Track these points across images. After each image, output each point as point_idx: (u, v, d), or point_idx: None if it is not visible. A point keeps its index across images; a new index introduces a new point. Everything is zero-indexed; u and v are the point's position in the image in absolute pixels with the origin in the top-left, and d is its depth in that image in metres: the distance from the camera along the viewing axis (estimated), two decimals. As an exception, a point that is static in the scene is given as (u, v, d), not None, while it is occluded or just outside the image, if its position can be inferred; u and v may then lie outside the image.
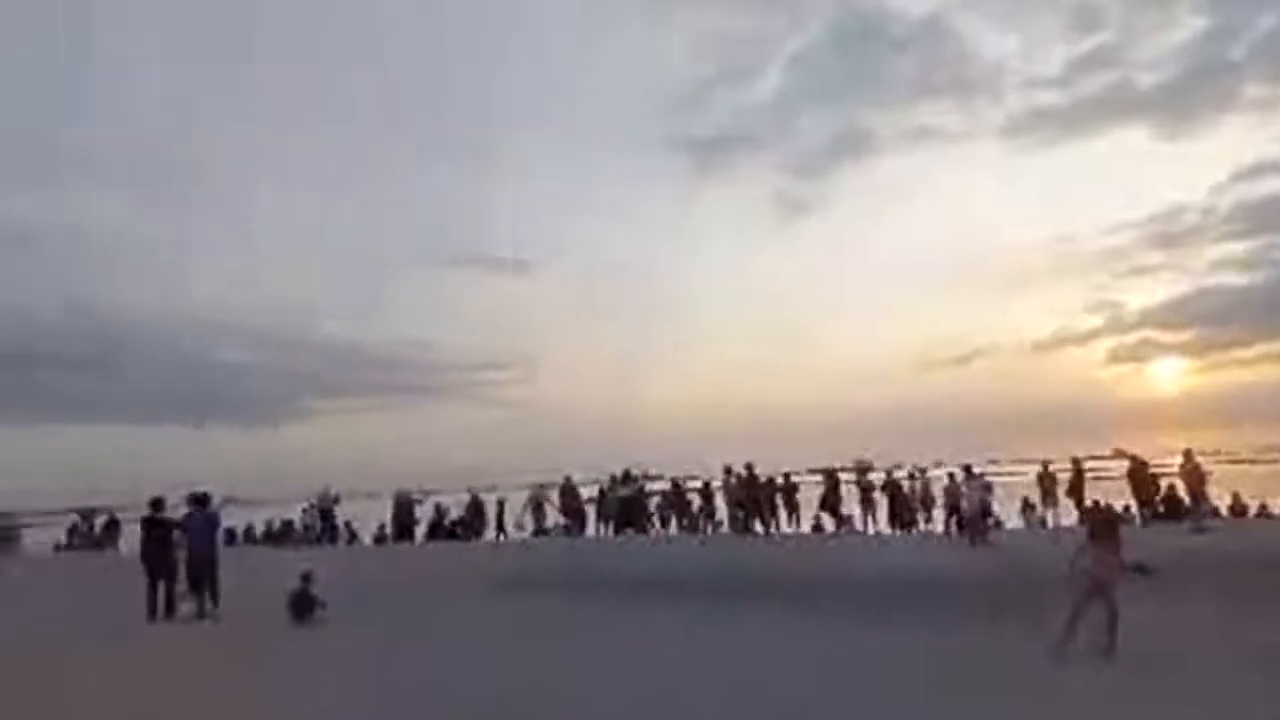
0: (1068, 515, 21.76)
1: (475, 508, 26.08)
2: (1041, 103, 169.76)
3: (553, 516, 25.06)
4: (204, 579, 13.78)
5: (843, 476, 23.80)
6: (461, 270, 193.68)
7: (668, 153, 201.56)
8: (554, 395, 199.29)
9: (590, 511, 24.98)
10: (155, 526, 14.26)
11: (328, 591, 13.39)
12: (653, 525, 24.38)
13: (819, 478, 24.87)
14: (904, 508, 22.57)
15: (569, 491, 25.19)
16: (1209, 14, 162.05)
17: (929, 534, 21.63)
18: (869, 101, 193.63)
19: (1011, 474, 31.49)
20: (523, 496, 25.66)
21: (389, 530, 26.24)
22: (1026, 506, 23.15)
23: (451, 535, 25.80)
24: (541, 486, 25.90)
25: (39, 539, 30.76)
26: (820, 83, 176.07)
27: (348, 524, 26.99)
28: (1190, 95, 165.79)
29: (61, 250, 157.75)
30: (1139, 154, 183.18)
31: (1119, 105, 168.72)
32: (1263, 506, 23.06)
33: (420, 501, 26.80)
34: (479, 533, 25.46)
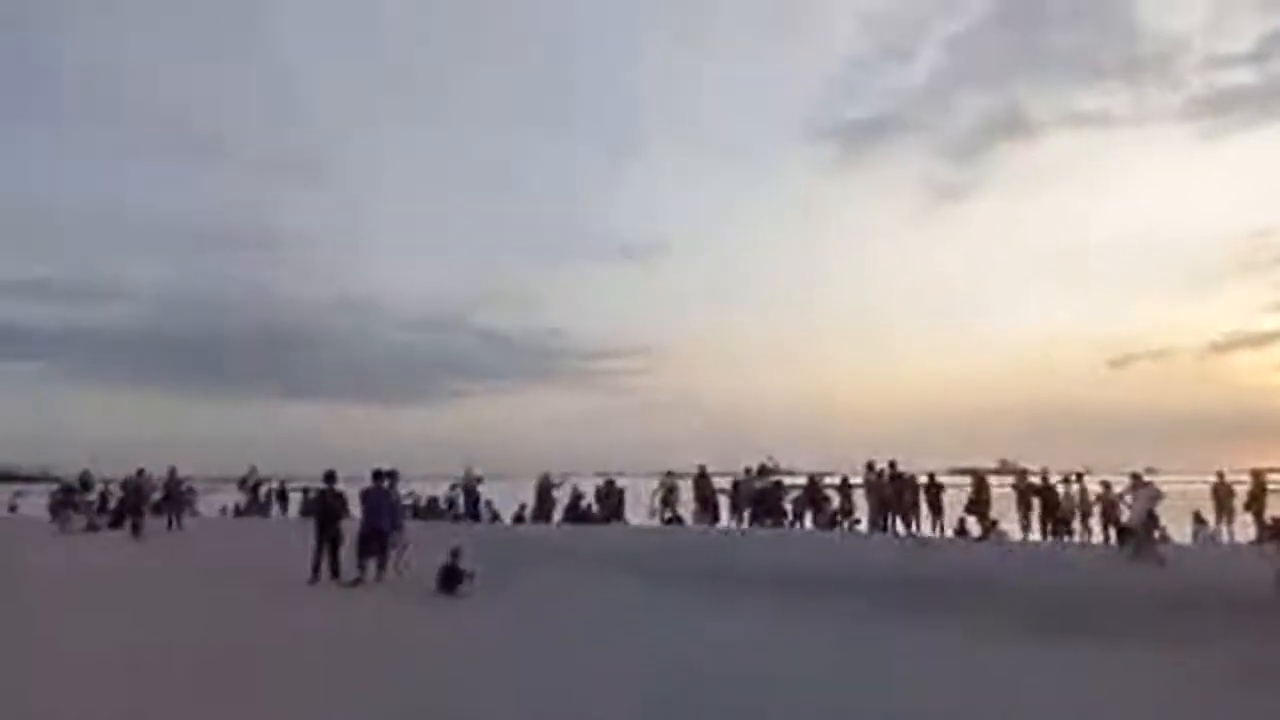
0: (1244, 531, 20.12)
1: (609, 493, 26.42)
2: (1228, 83, 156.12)
3: (683, 505, 25.11)
4: (374, 548, 14.50)
5: (992, 479, 22.71)
6: (598, 261, 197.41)
7: (814, 138, 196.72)
8: (682, 384, 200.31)
9: (724, 502, 24.85)
10: (327, 496, 15.17)
11: (473, 566, 13.87)
12: (787, 520, 24.03)
13: (962, 479, 23.85)
14: (1058, 515, 21.31)
15: (703, 481, 25.14)
16: None
17: (1085, 544, 20.35)
18: (1028, 82, 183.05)
19: (1178, 483, 29.28)
20: (651, 484, 25.83)
21: (528, 511, 26.97)
22: (1197, 520, 21.39)
23: (585, 518, 26.26)
24: (671, 474, 26.01)
25: (213, 502, 33.24)
26: (978, 63, 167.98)
27: (489, 503, 27.87)
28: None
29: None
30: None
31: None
32: None
33: (559, 485, 27.38)
34: (613, 517, 25.79)
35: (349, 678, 8.17)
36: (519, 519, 27.02)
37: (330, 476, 15.39)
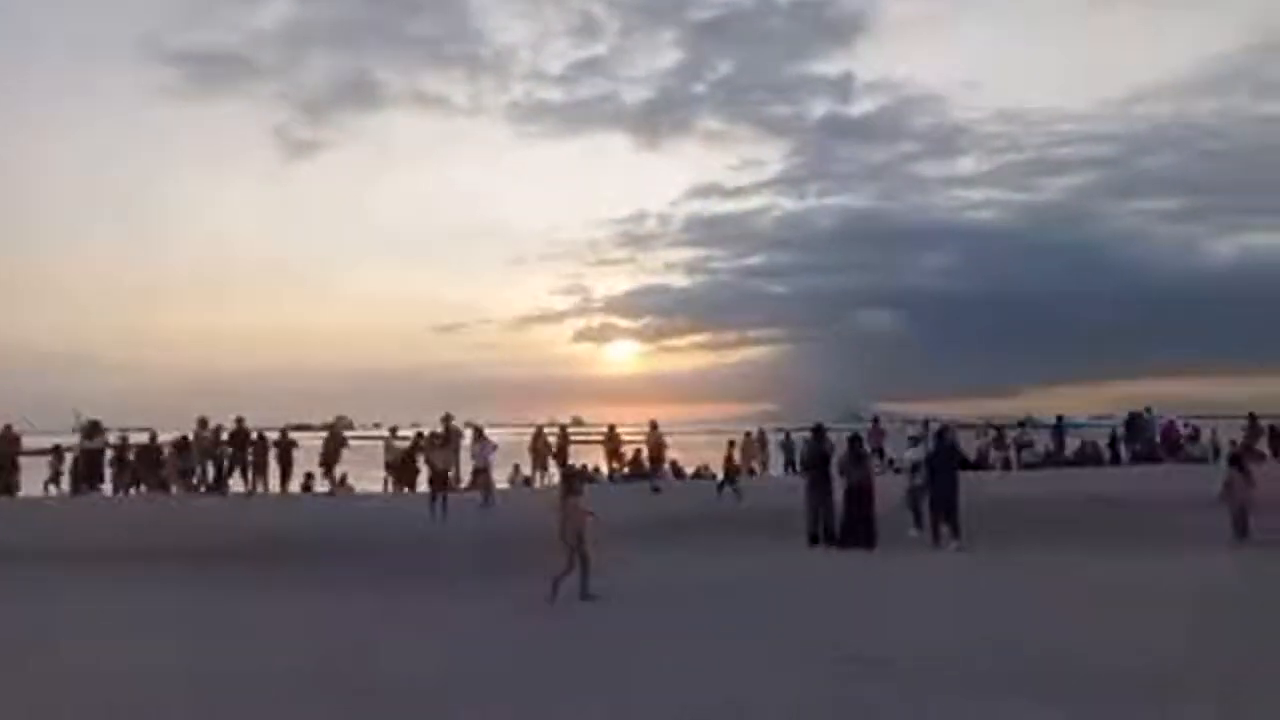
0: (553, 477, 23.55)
1: None
2: (544, 97, 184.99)
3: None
4: None
5: (348, 435, 22.95)
6: None
7: (158, 63, 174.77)
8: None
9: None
10: None
11: None
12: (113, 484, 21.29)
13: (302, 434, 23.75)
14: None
15: (7, 441, 20.74)
16: (685, 48, 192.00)
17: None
18: (381, 55, 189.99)
19: (497, 435, 33.36)
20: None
21: None
22: (516, 469, 24.33)
23: None
24: None
25: None
26: (330, 22, 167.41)
27: None
28: (662, 116, 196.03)
29: None
30: (618, 160, 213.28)
31: (607, 113, 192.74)
32: (704, 468, 27.40)
33: None
34: None
35: None
36: None
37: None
